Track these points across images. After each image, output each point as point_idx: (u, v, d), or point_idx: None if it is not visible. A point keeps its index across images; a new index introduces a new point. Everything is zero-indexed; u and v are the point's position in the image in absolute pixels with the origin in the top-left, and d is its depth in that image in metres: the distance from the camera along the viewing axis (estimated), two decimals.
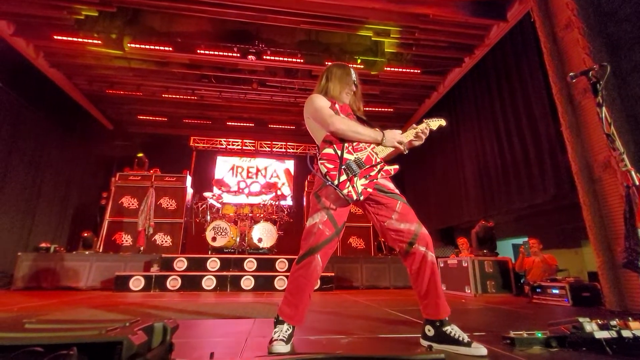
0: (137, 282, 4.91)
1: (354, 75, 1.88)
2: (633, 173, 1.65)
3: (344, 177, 1.54)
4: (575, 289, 3.45)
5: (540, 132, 5.01)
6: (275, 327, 1.60)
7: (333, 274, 5.69)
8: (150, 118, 9.58)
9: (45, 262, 5.47)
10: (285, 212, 7.31)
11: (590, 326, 1.57)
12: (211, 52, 6.48)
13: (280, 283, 5.35)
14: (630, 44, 3.37)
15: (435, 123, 1.75)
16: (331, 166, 1.55)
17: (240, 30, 6.45)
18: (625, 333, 1.53)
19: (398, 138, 1.66)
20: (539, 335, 1.68)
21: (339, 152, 1.58)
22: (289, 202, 8.36)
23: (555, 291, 3.57)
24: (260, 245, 6.48)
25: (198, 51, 6.46)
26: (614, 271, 3.05)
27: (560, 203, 5.04)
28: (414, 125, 1.73)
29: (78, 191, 8.75)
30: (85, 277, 5.43)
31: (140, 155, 7.90)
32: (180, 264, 5.41)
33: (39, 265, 5.41)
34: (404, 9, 5.33)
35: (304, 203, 7.74)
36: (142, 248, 6.11)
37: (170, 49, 6.37)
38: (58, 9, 5.60)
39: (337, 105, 1.74)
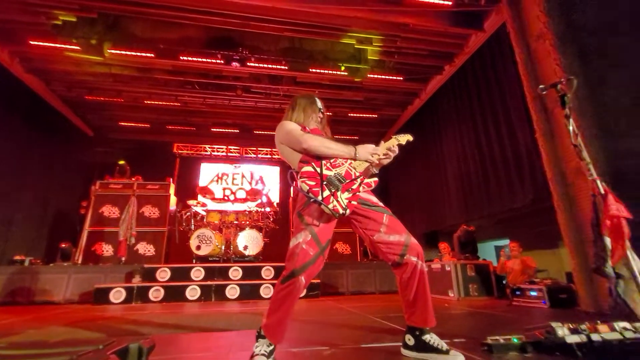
0: (117, 294, 4.77)
1: (319, 104, 1.95)
2: (599, 182, 1.73)
3: (327, 193, 1.54)
4: (552, 291, 3.56)
5: (519, 139, 5.17)
6: (257, 341, 1.58)
7: (319, 281, 5.67)
8: (132, 124, 9.38)
9: (20, 275, 5.25)
10: (271, 219, 7.28)
11: (562, 331, 1.63)
12: (194, 59, 6.43)
13: (266, 291, 5.30)
14: (599, 56, 3.54)
15: (404, 138, 1.73)
16: (312, 183, 1.55)
17: (224, 37, 6.42)
18: (595, 337, 1.59)
19: (371, 150, 1.67)
20: (515, 340, 1.73)
21: (319, 169, 1.59)
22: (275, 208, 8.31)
23: (534, 293, 3.67)
24: (246, 252, 6.42)
25: (181, 57, 6.40)
26: (588, 273, 3.17)
27: (539, 206, 5.20)
28: (382, 142, 1.73)
29: (57, 200, 8.44)
30: (63, 290, 5.24)
31: (121, 162, 7.74)
32: (163, 274, 5.30)
33: (14, 279, 5.19)
34: (385, 17, 5.44)
35: (290, 209, 7.71)
36: (123, 258, 5.95)
37: (152, 55, 6.29)
38: (35, 14, 5.45)
39: (307, 129, 1.78)
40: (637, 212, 1.78)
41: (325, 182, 1.55)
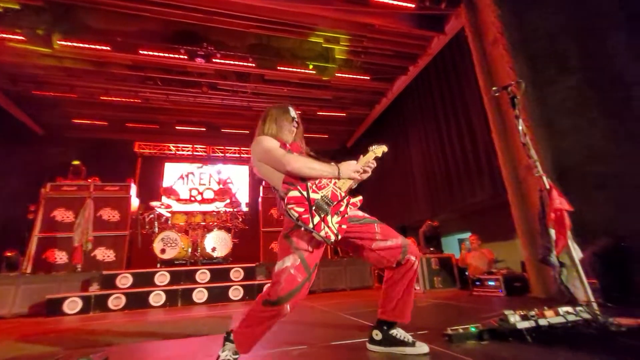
0: (72, 305, 4.45)
1: (292, 112, 1.86)
2: (544, 178, 1.87)
3: (317, 219, 1.46)
4: (508, 280, 3.81)
5: (478, 137, 5.46)
6: (224, 345, 1.54)
7: None
8: (88, 122, 8.78)
9: None
10: (240, 219, 7.13)
11: (513, 317, 1.75)
12: (155, 54, 6.13)
13: (235, 293, 5.20)
14: (547, 60, 3.82)
15: (379, 149, 1.76)
16: (301, 209, 1.47)
17: (187, 32, 6.17)
18: (542, 322, 1.72)
19: (353, 168, 1.65)
20: (473, 329, 1.83)
21: (305, 193, 1.51)
22: (243, 208, 8.16)
23: (492, 283, 3.92)
24: (214, 254, 6.25)
25: (141, 52, 6.08)
26: (538, 263, 3.42)
27: (497, 201, 5.54)
28: (361, 156, 1.74)
29: (2, 205, 7.71)
30: (10, 303, 4.80)
31: (75, 162, 7.20)
32: (124, 280, 5.02)
33: None
34: (351, 17, 5.50)
35: (260, 209, 7.61)
36: (79, 266, 5.55)
37: (108, 48, 5.91)
38: None
39: (287, 145, 1.69)
40: (576, 204, 1.95)
41: (314, 208, 1.48)
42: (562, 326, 1.71)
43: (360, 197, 1.69)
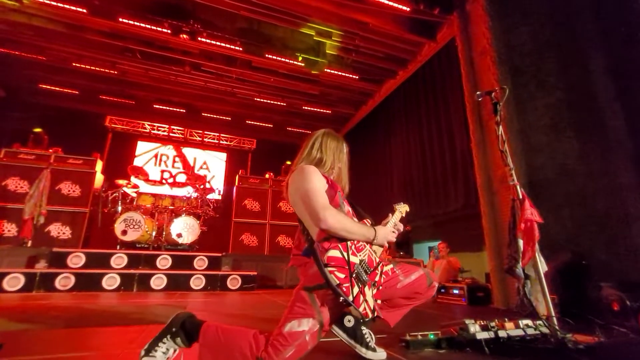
0: (14, 281, 4.09)
1: (345, 150, 1.69)
2: (518, 187, 1.83)
3: (356, 290, 1.29)
4: (471, 289, 3.83)
5: (457, 147, 5.51)
6: (164, 337, 1.32)
7: (256, 273, 5.50)
8: (57, 89, 8.20)
9: None
10: (211, 207, 6.88)
11: (473, 327, 1.70)
12: (136, 23, 5.77)
13: (197, 282, 4.98)
14: (529, 75, 3.86)
15: (404, 208, 1.78)
16: (342, 275, 1.27)
17: (173, 5, 5.86)
18: (501, 333, 1.68)
19: (389, 237, 1.53)
20: (431, 336, 1.77)
21: (346, 256, 1.33)
22: (216, 196, 7.88)
23: (456, 291, 3.93)
24: (180, 240, 5.97)
25: (120, 19, 5.70)
26: (502, 275, 3.46)
27: (468, 212, 5.62)
28: (390, 216, 1.69)
29: None
30: None
31: (37, 130, 6.70)
32: (76, 259, 4.68)
33: None
34: (346, 13, 5.40)
35: (234, 197, 7.38)
36: (28, 240, 5.15)
37: (85, 11, 5.52)
38: None
39: (338, 194, 1.53)
40: (543, 218, 1.93)
41: (354, 276, 1.31)
42: (521, 339, 1.67)
43: (392, 266, 1.60)
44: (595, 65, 3.52)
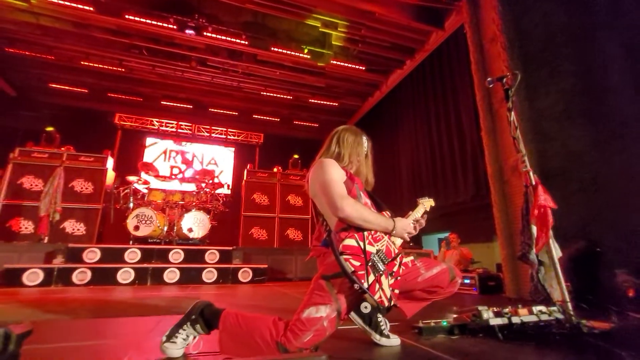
0: (33, 276, 4.22)
1: (365, 144, 1.72)
2: (531, 174, 1.81)
3: (372, 278, 1.30)
4: (482, 279, 3.82)
5: (466, 137, 5.44)
6: (184, 325, 1.37)
7: (266, 266, 5.56)
8: (66, 88, 8.31)
9: None
10: (221, 202, 6.95)
11: (487, 314, 1.70)
12: (142, 20, 5.79)
13: (209, 275, 5.07)
14: (541, 62, 3.78)
15: (428, 203, 1.73)
16: (357, 263, 1.29)
17: (178, 0, 5.86)
18: (515, 319, 1.68)
19: (408, 229, 1.53)
20: (444, 323, 1.77)
21: (362, 245, 1.35)
22: (225, 191, 7.96)
23: (467, 281, 3.92)
24: (191, 235, 6.07)
25: (126, 16, 5.73)
26: (514, 263, 3.43)
27: (479, 203, 5.56)
28: (411, 212, 1.67)
29: None
30: None
31: (49, 129, 6.83)
32: (92, 255, 4.80)
33: None
34: (351, 2, 5.33)
35: (243, 191, 7.44)
36: (45, 237, 5.29)
37: (91, 9, 5.55)
38: None
39: (355, 186, 1.53)
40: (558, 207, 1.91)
41: (369, 264, 1.32)
42: (535, 325, 1.67)
43: (412, 258, 1.59)
44: (611, 50, 3.41)
